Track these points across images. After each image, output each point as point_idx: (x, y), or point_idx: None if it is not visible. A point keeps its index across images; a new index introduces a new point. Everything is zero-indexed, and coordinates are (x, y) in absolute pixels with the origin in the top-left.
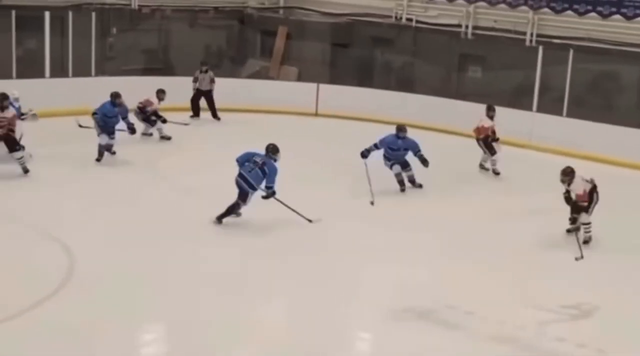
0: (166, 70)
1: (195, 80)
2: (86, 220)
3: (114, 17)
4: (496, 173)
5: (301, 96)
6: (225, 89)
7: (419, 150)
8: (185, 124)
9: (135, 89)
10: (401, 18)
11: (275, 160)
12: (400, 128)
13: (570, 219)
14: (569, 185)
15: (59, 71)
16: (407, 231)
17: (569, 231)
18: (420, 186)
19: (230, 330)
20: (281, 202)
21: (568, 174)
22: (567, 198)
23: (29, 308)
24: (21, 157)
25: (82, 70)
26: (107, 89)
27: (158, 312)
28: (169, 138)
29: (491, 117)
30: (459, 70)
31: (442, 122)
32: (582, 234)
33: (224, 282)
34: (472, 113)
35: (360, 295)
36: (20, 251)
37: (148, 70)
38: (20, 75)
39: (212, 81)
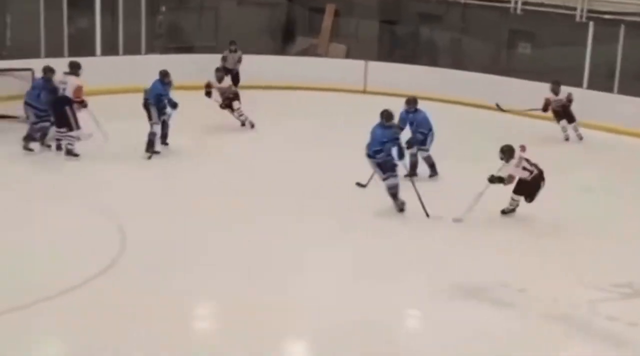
0: (215, 48)
1: (223, 59)
2: (142, 201)
3: None
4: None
5: (349, 73)
6: (273, 66)
7: (423, 130)
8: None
9: (184, 67)
10: None
11: (386, 127)
12: (407, 101)
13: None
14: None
15: (109, 49)
16: (456, 207)
17: (504, 212)
18: (432, 175)
19: (279, 310)
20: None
21: (505, 152)
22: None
23: (79, 285)
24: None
25: (132, 48)
26: (156, 67)
27: (209, 292)
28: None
29: (555, 92)
30: (508, 46)
31: (490, 99)
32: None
33: (276, 262)
34: (521, 90)
35: (411, 271)
36: (76, 228)
37: (196, 48)
38: (71, 54)
39: (239, 61)
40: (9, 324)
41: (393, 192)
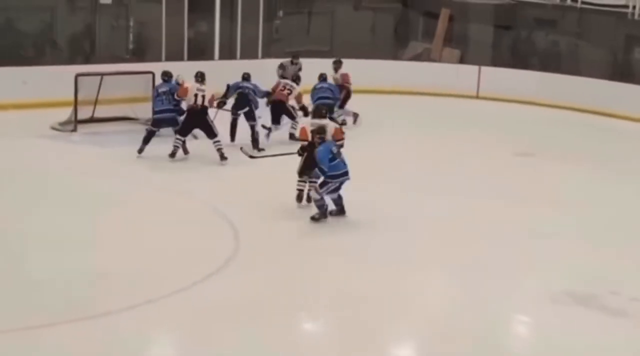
0: (330, 52)
1: (282, 68)
2: (255, 200)
3: None
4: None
5: (463, 78)
6: (386, 71)
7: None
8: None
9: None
10: None
11: None
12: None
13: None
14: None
15: (227, 53)
16: (575, 208)
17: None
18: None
19: (388, 306)
20: None
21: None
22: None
23: (194, 284)
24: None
25: (249, 53)
26: (273, 72)
27: (319, 289)
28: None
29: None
30: (625, 52)
31: (606, 105)
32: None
33: (388, 257)
34: (637, 96)
35: (519, 276)
36: (192, 228)
37: (312, 53)
38: (190, 58)
39: (299, 70)
40: (138, 317)
41: None
